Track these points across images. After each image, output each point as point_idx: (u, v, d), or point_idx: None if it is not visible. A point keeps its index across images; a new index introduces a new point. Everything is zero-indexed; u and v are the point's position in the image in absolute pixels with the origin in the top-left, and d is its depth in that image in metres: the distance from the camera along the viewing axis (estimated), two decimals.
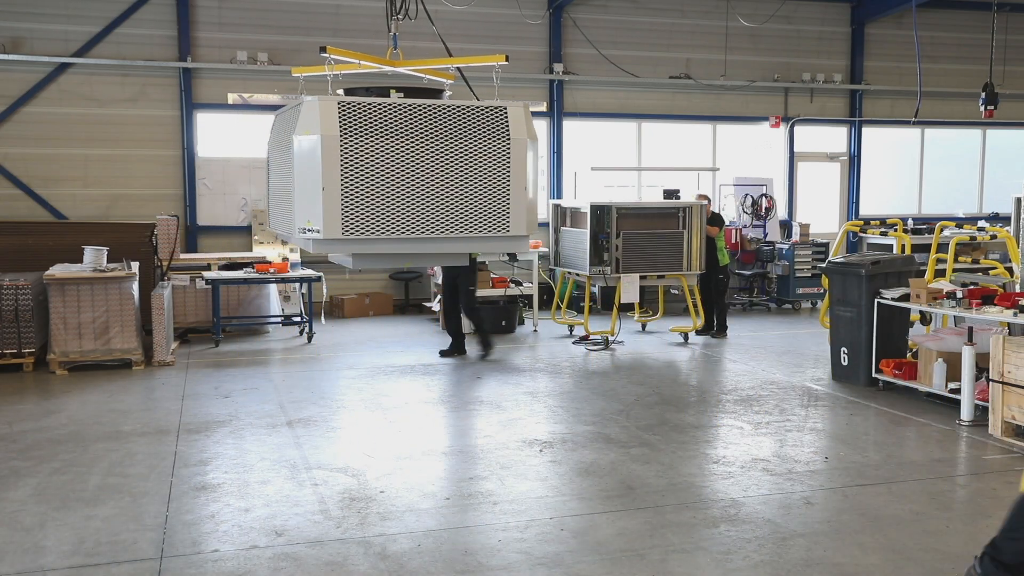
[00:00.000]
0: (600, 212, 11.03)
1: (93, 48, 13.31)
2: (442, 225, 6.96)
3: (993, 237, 10.73)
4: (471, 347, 10.73)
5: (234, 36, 13.80)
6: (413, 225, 6.91)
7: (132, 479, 6.04)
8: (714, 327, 12.11)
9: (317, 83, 8.19)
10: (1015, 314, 7.24)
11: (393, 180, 6.85)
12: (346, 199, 6.74)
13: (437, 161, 6.94)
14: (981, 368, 7.41)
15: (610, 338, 11.22)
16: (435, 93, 7.88)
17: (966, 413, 7.39)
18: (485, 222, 7.02)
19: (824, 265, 9.88)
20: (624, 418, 7.67)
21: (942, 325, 8.74)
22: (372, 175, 6.80)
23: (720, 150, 16.43)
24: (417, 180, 6.90)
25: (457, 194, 6.99)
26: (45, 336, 9.97)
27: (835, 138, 17.25)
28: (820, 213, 16.96)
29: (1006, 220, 15.28)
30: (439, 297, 12.36)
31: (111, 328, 9.72)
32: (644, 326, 12.59)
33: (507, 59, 7.69)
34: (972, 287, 8.11)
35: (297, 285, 12.83)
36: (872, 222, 14.47)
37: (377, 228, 6.85)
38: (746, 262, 14.97)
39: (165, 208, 13.40)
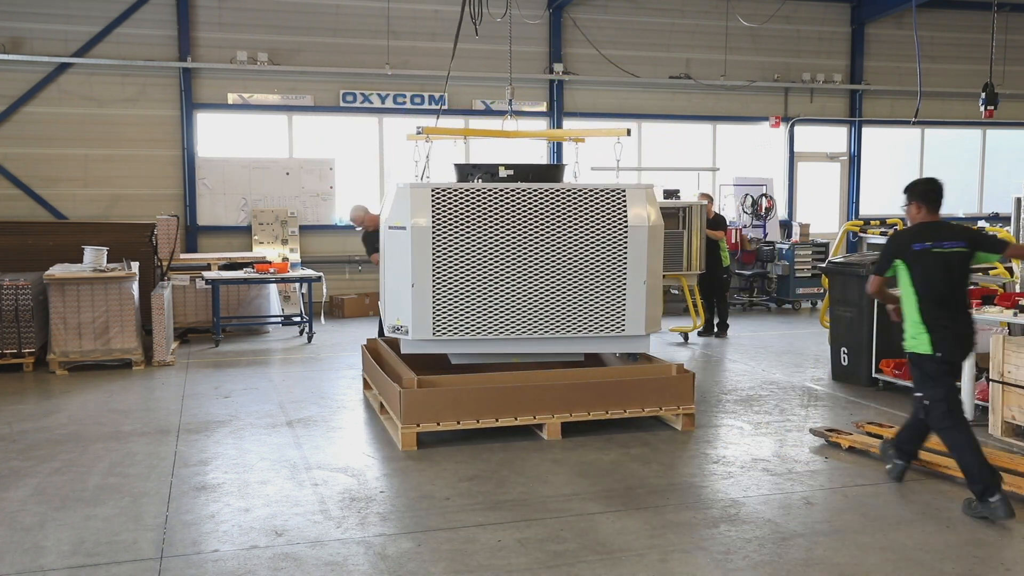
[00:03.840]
0: None
1: (93, 48, 13.32)
2: (547, 324, 6.29)
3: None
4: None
5: (234, 36, 13.81)
6: (514, 326, 6.26)
7: (132, 479, 6.04)
8: (715, 328, 12.14)
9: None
10: (1015, 314, 7.23)
11: (492, 275, 6.19)
12: (438, 297, 6.11)
13: (543, 252, 6.24)
14: (981, 368, 7.41)
15: None
16: (552, 171, 7.18)
17: (966, 413, 7.36)
18: (597, 320, 6.37)
19: (824, 265, 9.87)
20: None
21: None
22: (468, 269, 6.15)
23: (720, 150, 16.44)
24: (519, 274, 6.24)
25: (565, 289, 6.30)
26: (45, 336, 9.97)
27: (835, 138, 17.26)
28: (820, 213, 16.97)
29: (1006, 220, 15.28)
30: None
31: (111, 328, 9.72)
32: None
33: (628, 133, 7.28)
34: (972, 287, 8.10)
35: (297, 285, 12.84)
36: (872, 222, 14.47)
37: (474, 328, 6.18)
38: (746, 262, 14.97)
39: (165, 208, 13.42)
